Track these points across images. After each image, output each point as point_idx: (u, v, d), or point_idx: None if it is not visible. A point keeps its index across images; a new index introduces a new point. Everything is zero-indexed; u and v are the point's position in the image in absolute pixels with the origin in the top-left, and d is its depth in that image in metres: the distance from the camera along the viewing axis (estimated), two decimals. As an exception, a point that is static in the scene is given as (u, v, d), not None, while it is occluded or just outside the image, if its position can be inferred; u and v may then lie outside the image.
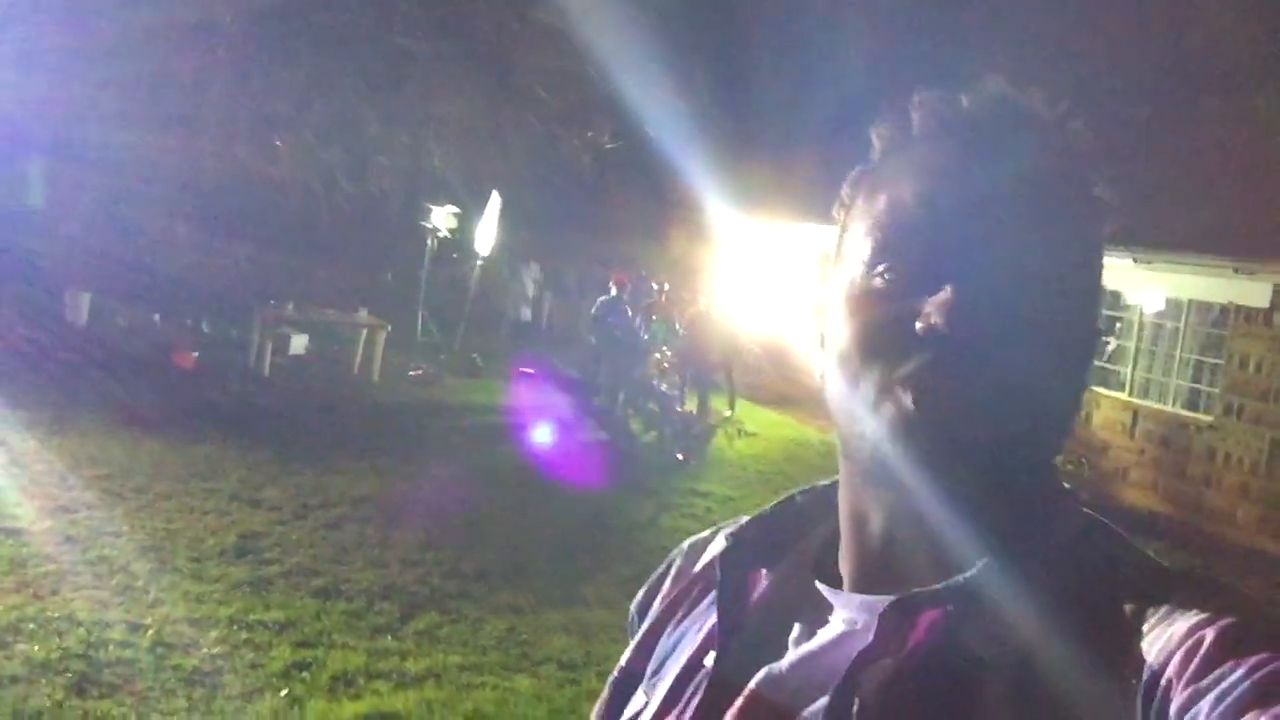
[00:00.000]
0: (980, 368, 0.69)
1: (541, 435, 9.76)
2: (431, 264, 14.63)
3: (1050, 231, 0.73)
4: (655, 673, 0.86)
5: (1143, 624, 0.67)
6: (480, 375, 13.91)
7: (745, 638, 0.79)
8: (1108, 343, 11.87)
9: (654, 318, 11.24)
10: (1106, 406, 11.98)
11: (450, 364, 13.98)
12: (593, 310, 12.35)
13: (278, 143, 11.28)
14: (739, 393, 13.22)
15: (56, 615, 5.01)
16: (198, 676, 4.64)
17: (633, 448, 9.51)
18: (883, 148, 0.82)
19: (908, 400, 0.70)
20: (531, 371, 14.03)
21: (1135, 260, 11.29)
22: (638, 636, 0.92)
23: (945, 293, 0.70)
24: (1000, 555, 0.71)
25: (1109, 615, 0.68)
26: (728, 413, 12.37)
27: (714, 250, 17.17)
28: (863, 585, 0.77)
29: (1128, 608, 0.68)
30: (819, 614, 0.78)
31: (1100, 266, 0.79)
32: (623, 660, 0.91)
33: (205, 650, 4.92)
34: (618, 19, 11.45)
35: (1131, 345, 11.86)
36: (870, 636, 0.70)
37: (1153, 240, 11.19)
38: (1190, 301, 11.34)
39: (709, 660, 0.79)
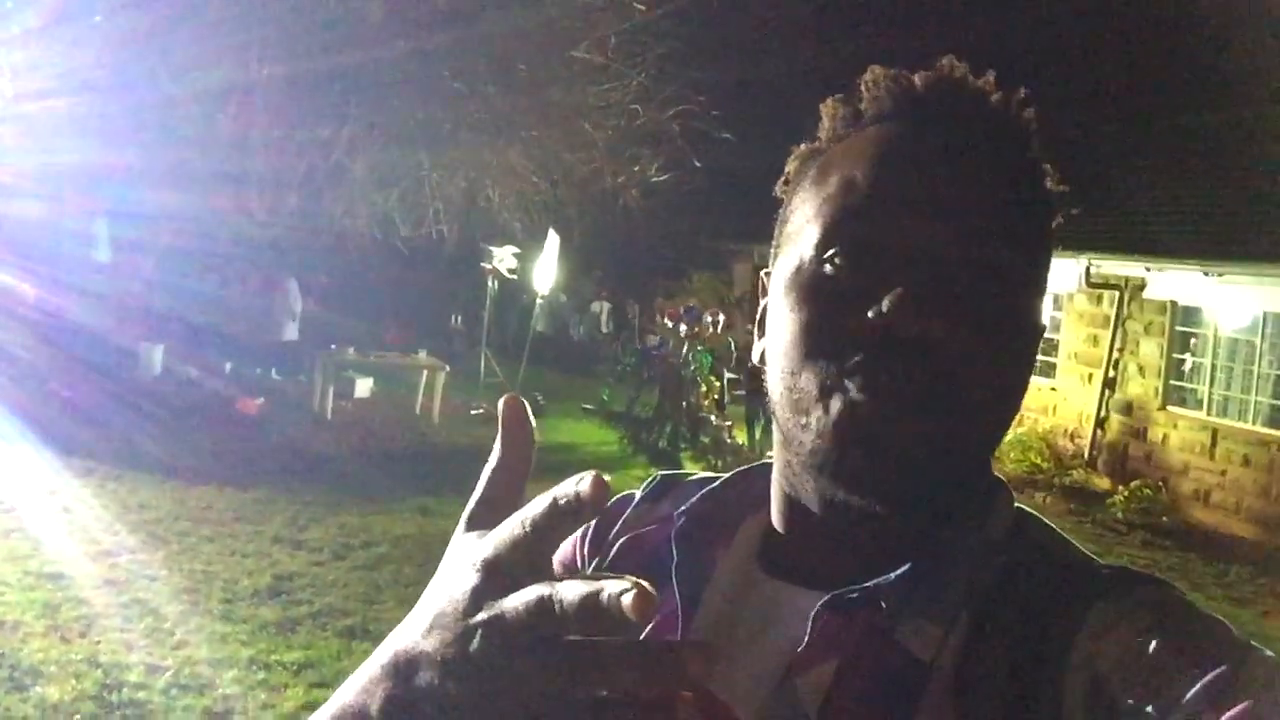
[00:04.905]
0: (929, 363, 0.67)
1: (589, 472, 9.66)
2: (494, 304, 14.81)
3: (1003, 222, 0.71)
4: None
5: (1083, 622, 0.65)
6: (542, 413, 13.92)
7: (700, 623, 0.77)
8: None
9: (699, 348, 11.14)
10: (1184, 426, 11.47)
11: (512, 403, 14.02)
12: (648, 344, 12.34)
13: (328, 192, 11.51)
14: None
15: (79, 658, 5.09)
16: (207, 718, 4.65)
17: (683, 481, 9.41)
18: (832, 126, 0.80)
19: (855, 393, 0.68)
20: (590, 408, 14.05)
21: (1207, 273, 10.84)
22: None
23: (898, 288, 0.67)
24: (934, 550, 0.70)
25: (1047, 612, 0.67)
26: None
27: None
28: (800, 578, 0.75)
29: (1066, 604, 0.67)
30: (763, 605, 0.76)
31: (1048, 259, 0.76)
32: None
33: (220, 691, 4.93)
34: (660, 50, 11.48)
35: (1207, 362, 11.35)
36: (806, 637, 0.68)
37: (1226, 251, 10.76)
38: (1268, 314, 10.81)
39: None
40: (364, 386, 13.54)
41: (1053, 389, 13.26)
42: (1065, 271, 12.52)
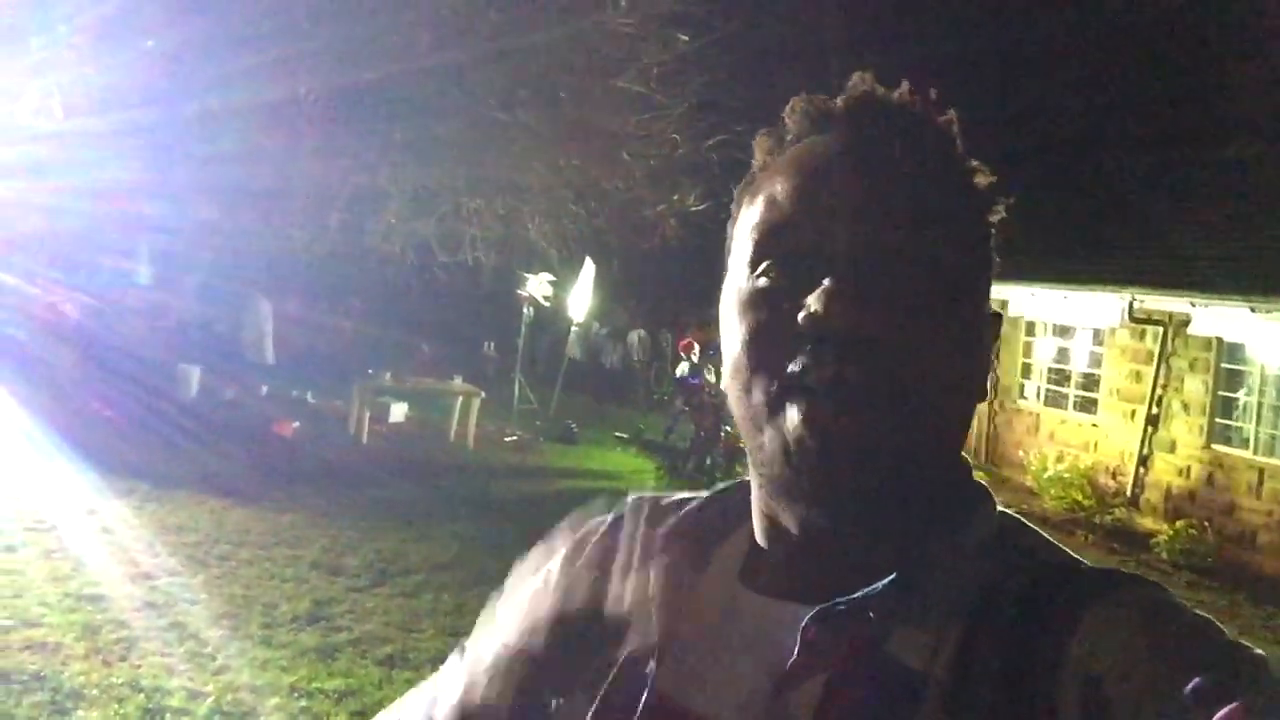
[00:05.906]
0: (866, 358, 0.67)
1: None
2: (528, 331, 14.79)
3: (926, 215, 0.72)
4: (573, 668, 0.82)
5: (1076, 624, 0.65)
6: (575, 441, 13.89)
7: (683, 646, 0.76)
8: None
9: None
10: (1229, 465, 11.26)
11: (545, 430, 14.01)
12: (678, 373, 12.28)
13: (369, 216, 11.55)
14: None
15: (120, 681, 5.04)
16: (250, 747, 4.60)
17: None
18: (762, 157, 0.82)
19: (796, 409, 0.68)
20: (624, 436, 13.98)
21: (1254, 309, 10.67)
22: (537, 619, 0.87)
23: (825, 283, 0.68)
24: (919, 559, 0.70)
25: (1039, 616, 0.66)
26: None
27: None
28: (785, 592, 0.74)
29: (1058, 608, 0.66)
30: (749, 621, 0.75)
31: (988, 250, 0.78)
32: (515, 638, 0.87)
33: (261, 719, 4.88)
34: (702, 80, 11.48)
35: (1254, 400, 11.15)
36: (795, 651, 0.68)
37: (1273, 287, 10.59)
38: (1318, 352, 10.62)
39: (649, 669, 0.76)
40: (399, 411, 13.54)
41: (1094, 425, 13.07)
42: (1108, 306, 12.38)
